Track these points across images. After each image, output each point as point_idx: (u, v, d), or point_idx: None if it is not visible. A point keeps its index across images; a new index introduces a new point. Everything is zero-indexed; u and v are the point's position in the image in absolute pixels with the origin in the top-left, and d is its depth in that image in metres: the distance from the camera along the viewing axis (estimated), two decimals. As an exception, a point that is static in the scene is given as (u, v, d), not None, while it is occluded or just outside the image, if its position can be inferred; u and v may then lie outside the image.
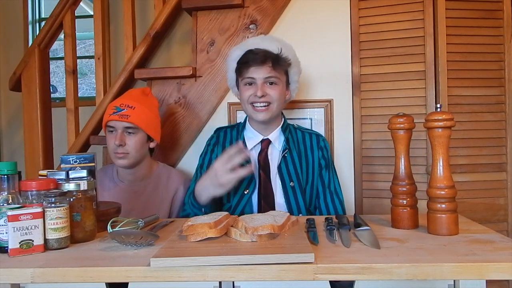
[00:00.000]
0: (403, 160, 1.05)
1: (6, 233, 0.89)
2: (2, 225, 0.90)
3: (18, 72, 2.01)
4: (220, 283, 0.81)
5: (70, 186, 0.96)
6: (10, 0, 2.75)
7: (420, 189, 1.07)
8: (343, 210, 1.44)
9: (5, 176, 0.94)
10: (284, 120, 1.49)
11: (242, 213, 1.36)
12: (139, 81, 2.00)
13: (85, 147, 1.95)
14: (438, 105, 0.98)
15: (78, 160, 1.09)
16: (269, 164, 1.42)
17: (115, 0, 2.44)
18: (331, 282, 0.80)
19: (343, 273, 0.76)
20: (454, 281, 0.79)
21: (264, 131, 1.45)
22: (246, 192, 1.38)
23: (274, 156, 1.43)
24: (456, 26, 1.65)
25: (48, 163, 2.02)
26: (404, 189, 1.04)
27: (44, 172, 1.07)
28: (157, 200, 1.55)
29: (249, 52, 1.37)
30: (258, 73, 1.36)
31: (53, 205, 0.91)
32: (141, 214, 1.38)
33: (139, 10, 2.22)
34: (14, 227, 0.87)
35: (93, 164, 1.11)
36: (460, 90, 1.66)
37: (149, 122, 1.52)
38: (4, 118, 2.82)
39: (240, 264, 0.77)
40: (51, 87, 2.26)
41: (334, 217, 1.11)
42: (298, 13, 1.78)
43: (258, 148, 1.44)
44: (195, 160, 1.61)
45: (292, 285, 0.80)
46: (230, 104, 1.80)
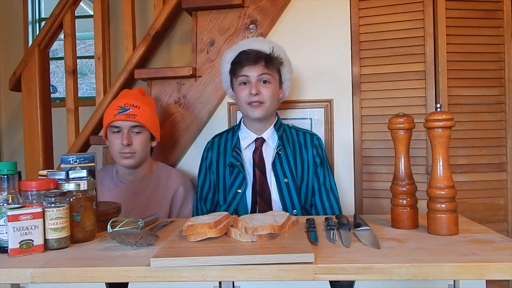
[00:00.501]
0: (403, 160, 1.05)
1: (6, 233, 0.89)
2: (2, 225, 0.90)
3: (18, 72, 2.01)
4: (220, 283, 0.81)
5: (70, 186, 0.96)
6: (10, 0, 2.75)
7: (420, 189, 1.07)
8: (339, 207, 1.46)
9: (5, 176, 0.94)
10: (278, 119, 1.52)
11: (236, 211, 1.39)
12: (139, 81, 2.00)
13: (85, 147, 1.95)
14: (438, 105, 0.98)
15: (78, 160, 1.09)
16: (264, 162, 1.44)
17: (115, 0, 2.44)
18: (331, 282, 0.80)
19: (343, 273, 0.76)
20: (454, 281, 0.79)
21: (258, 130, 1.47)
22: (239, 191, 1.40)
23: (269, 154, 1.46)
24: (456, 26, 1.65)
25: (48, 163, 2.02)
26: (404, 189, 1.04)
27: (44, 172, 1.07)
28: (157, 200, 1.55)
29: (242, 52, 1.41)
30: (252, 71, 1.39)
31: (53, 205, 0.91)
32: (141, 214, 1.39)
33: (139, 10, 2.22)
34: (14, 227, 0.87)
35: (93, 164, 1.11)
36: (460, 90, 1.66)
37: (152, 121, 1.55)
38: (4, 118, 2.82)
39: (240, 264, 0.77)
40: (51, 87, 2.26)
41: (334, 217, 1.11)
42: (298, 13, 1.78)
43: (253, 146, 1.47)
44: (195, 160, 1.62)
45: (292, 285, 0.80)
46: (230, 104, 1.80)
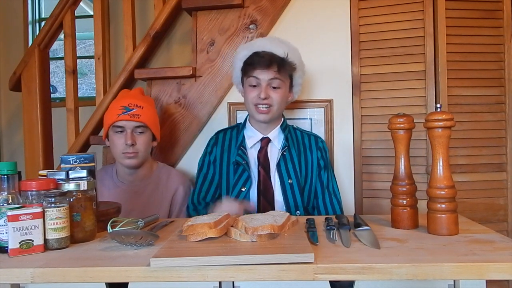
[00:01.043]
0: (403, 160, 1.05)
1: (6, 233, 0.88)
2: (2, 225, 0.90)
3: (18, 72, 2.01)
4: (220, 283, 0.81)
5: (70, 186, 0.96)
6: (10, 0, 2.75)
7: (420, 189, 1.07)
8: (341, 211, 1.46)
9: (5, 176, 0.94)
10: (284, 120, 1.52)
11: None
12: (139, 81, 2.00)
13: (85, 147, 1.95)
14: (438, 105, 0.98)
15: (78, 160, 1.09)
16: (268, 161, 1.44)
17: (115, 0, 2.44)
18: (331, 282, 0.80)
19: (343, 273, 0.76)
20: (454, 281, 0.79)
21: (264, 130, 1.47)
22: (243, 189, 1.40)
23: (274, 154, 1.46)
24: (456, 26, 1.65)
25: (48, 163, 2.02)
26: (404, 189, 1.04)
27: (44, 172, 1.07)
28: (157, 200, 1.55)
29: (256, 54, 1.39)
30: (263, 75, 1.38)
31: (53, 205, 0.91)
32: (141, 214, 1.39)
33: (139, 10, 2.22)
34: (14, 227, 0.87)
35: (93, 164, 1.11)
36: (460, 90, 1.66)
37: (154, 121, 1.56)
38: (4, 118, 2.82)
39: (240, 264, 0.77)
40: (51, 87, 2.26)
41: (334, 217, 1.11)
42: (298, 13, 1.78)
43: (258, 146, 1.47)
44: (195, 160, 1.61)
45: (292, 285, 0.80)
46: (230, 104, 1.80)
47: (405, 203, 1.03)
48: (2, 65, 2.76)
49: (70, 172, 1.05)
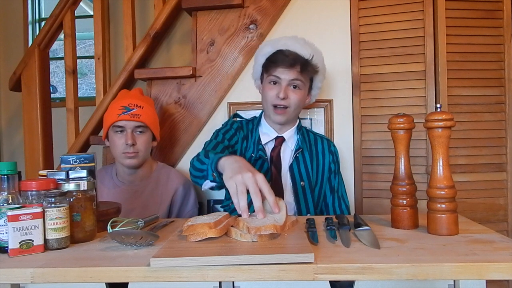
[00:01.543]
0: (403, 160, 1.05)
1: (6, 233, 0.88)
2: (2, 225, 0.90)
3: (18, 72, 2.01)
4: (220, 283, 0.81)
5: (70, 186, 0.96)
6: (10, 0, 2.75)
7: (420, 189, 1.07)
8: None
9: (5, 176, 0.93)
10: (299, 121, 1.51)
11: None
12: (139, 81, 2.00)
13: (85, 147, 1.95)
14: (438, 105, 0.98)
15: (78, 160, 1.09)
16: (281, 161, 1.43)
17: (115, 0, 2.44)
18: (331, 282, 0.80)
19: (343, 273, 0.76)
20: (454, 281, 0.79)
21: (279, 129, 1.46)
22: None
23: (286, 154, 1.45)
24: (456, 26, 1.65)
25: (48, 163, 2.02)
26: (404, 189, 1.04)
27: (44, 172, 1.07)
28: (157, 200, 1.55)
29: (280, 52, 1.37)
30: (285, 74, 1.36)
31: (53, 205, 0.91)
32: (141, 214, 1.39)
33: (139, 10, 2.23)
34: (14, 227, 0.87)
35: (93, 164, 1.11)
36: (460, 90, 1.66)
37: (154, 121, 1.56)
38: (4, 118, 2.82)
39: (240, 264, 0.77)
40: (51, 87, 2.26)
41: (334, 217, 1.11)
42: (298, 13, 1.79)
43: (272, 144, 1.46)
44: (195, 160, 1.61)
45: (292, 285, 0.80)
46: (230, 104, 1.80)
47: (405, 203, 1.03)
48: (2, 65, 2.76)
49: (70, 172, 1.05)
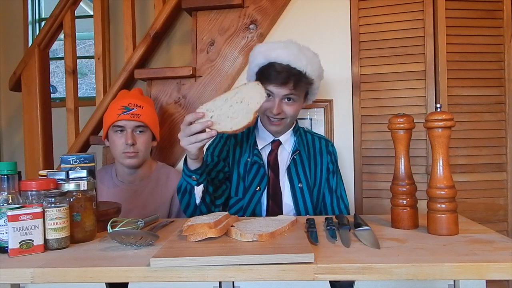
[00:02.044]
0: (403, 160, 1.05)
1: (6, 233, 0.88)
2: (2, 225, 0.90)
3: (18, 72, 2.01)
4: (220, 283, 0.81)
5: (70, 186, 0.96)
6: (10, 0, 2.75)
7: (420, 189, 1.07)
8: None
9: (5, 176, 0.94)
10: (296, 123, 1.49)
11: (254, 212, 1.36)
12: (139, 81, 2.00)
13: (85, 147, 1.95)
14: (438, 105, 0.98)
15: (78, 160, 1.09)
16: (278, 164, 1.42)
17: (115, 0, 2.44)
18: (331, 282, 0.80)
19: (343, 273, 0.76)
20: (454, 281, 0.79)
21: (275, 132, 1.43)
22: (258, 189, 1.37)
23: (284, 157, 1.44)
24: (456, 26, 1.65)
25: (48, 163, 2.02)
26: (404, 189, 1.04)
27: (44, 172, 1.07)
28: (157, 200, 1.55)
29: (272, 67, 1.30)
30: (278, 90, 1.31)
31: (53, 205, 0.91)
32: (141, 214, 1.39)
33: (139, 10, 2.23)
34: (14, 227, 0.87)
35: (93, 164, 1.11)
36: (460, 90, 1.66)
37: (154, 121, 1.56)
38: (4, 118, 2.82)
39: (240, 264, 0.77)
40: (51, 87, 2.26)
41: (334, 217, 1.11)
42: (298, 13, 1.78)
43: (269, 148, 1.44)
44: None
45: (292, 285, 0.80)
46: (230, 104, 1.79)
47: (405, 203, 1.03)
48: (2, 65, 2.76)
49: (70, 172, 1.05)
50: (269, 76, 1.30)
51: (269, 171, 1.40)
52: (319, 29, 1.77)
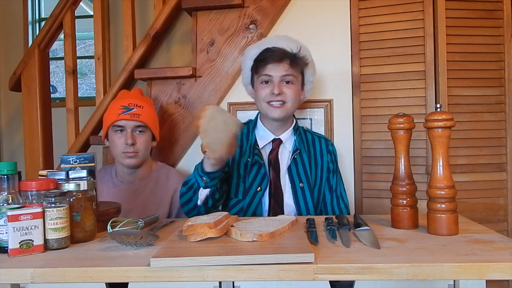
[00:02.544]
0: (403, 160, 1.05)
1: (6, 233, 0.89)
2: (2, 225, 0.90)
3: (18, 72, 2.01)
4: (220, 283, 0.81)
5: (70, 186, 0.96)
6: (10, 0, 2.75)
7: (420, 189, 1.07)
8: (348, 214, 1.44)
9: (5, 176, 0.94)
10: (296, 122, 1.49)
11: (255, 213, 1.36)
12: (139, 81, 2.00)
13: (85, 147, 1.95)
14: (438, 105, 0.98)
15: (78, 160, 1.09)
16: (279, 163, 1.42)
17: (115, 0, 2.44)
18: (331, 282, 0.80)
19: (343, 273, 0.76)
20: (454, 281, 0.79)
21: (276, 130, 1.44)
22: (259, 189, 1.37)
23: (284, 156, 1.43)
24: (456, 26, 1.65)
25: (48, 163, 2.02)
26: (404, 189, 1.04)
27: (44, 172, 1.07)
28: (156, 199, 1.55)
29: (267, 50, 1.37)
30: (276, 71, 1.35)
31: (53, 205, 0.91)
32: (141, 214, 1.39)
33: (139, 10, 2.23)
34: (14, 227, 0.87)
35: (93, 164, 1.11)
36: (460, 90, 1.66)
37: (154, 121, 1.56)
38: (4, 118, 2.82)
39: (240, 264, 0.77)
40: (51, 87, 2.26)
41: (334, 217, 1.11)
42: (298, 13, 1.79)
43: (269, 147, 1.44)
44: (195, 160, 1.61)
45: (292, 285, 0.80)
46: (230, 104, 1.80)
47: (405, 203, 1.03)
48: (2, 65, 2.76)
49: (70, 172, 1.05)
50: (265, 57, 1.36)
51: (270, 171, 1.40)
52: (319, 29, 1.77)
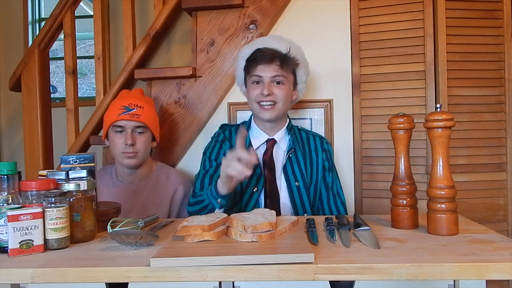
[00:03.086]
0: (403, 160, 1.05)
1: (6, 233, 0.89)
2: (2, 225, 0.90)
3: (18, 72, 2.01)
4: (220, 283, 0.81)
5: (70, 186, 0.97)
6: (10, 0, 2.75)
7: (420, 189, 1.07)
8: (346, 212, 1.45)
9: (5, 176, 0.94)
10: (289, 121, 1.49)
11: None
12: (139, 81, 2.00)
13: (85, 147, 1.95)
14: (438, 105, 0.98)
15: (78, 160, 1.09)
16: (274, 163, 1.42)
17: (115, 0, 2.44)
18: (331, 282, 0.80)
19: (343, 273, 0.76)
20: (454, 281, 0.79)
21: (269, 131, 1.44)
22: (255, 190, 1.37)
23: (279, 156, 1.44)
24: (456, 26, 1.65)
25: (48, 163, 2.02)
26: (404, 189, 1.04)
27: (44, 172, 1.07)
28: (156, 200, 1.55)
29: (258, 50, 1.39)
30: (265, 71, 1.36)
31: (53, 205, 0.91)
32: (141, 214, 1.39)
33: (139, 10, 2.23)
34: (14, 227, 0.87)
35: (93, 164, 1.11)
36: (460, 90, 1.66)
37: (154, 122, 1.56)
38: (4, 118, 2.82)
39: (240, 264, 0.77)
40: (51, 87, 2.26)
41: (334, 217, 1.11)
42: (298, 13, 1.78)
43: (263, 147, 1.44)
44: (195, 160, 1.61)
45: (292, 285, 0.80)
46: (230, 104, 1.80)
47: (405, 203, 1.03)
48: (2, 65, 2.76)
49: (70, 172, 1.05)
50: (256, 57, 1.37)
51: (265, 171, 1.40)
52: (319, 29, 1.77)
